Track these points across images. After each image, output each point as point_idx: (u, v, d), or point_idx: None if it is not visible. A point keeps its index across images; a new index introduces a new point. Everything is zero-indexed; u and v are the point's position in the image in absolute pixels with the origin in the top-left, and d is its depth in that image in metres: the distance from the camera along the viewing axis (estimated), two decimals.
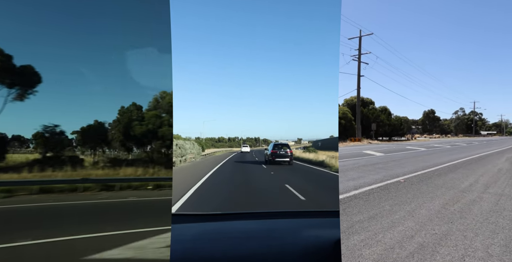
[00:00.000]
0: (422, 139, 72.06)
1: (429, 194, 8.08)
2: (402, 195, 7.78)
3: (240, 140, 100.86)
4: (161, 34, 24.80)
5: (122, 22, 29.28)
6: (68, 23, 25.66)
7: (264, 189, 12.24)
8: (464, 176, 11.61)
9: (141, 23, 23.43)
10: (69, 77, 26.46)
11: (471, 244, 4.65)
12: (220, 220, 2.50)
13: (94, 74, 28.01)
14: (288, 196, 10.34)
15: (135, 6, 23.82)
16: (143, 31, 24.21)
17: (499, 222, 5.85)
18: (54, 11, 26.91)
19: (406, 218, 5.83)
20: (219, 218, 2.55)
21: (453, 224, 5.62)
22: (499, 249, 4.50)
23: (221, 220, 2.49)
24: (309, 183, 14.32)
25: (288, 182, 13.24)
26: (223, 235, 2.11)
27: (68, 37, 25.70)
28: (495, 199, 7.80)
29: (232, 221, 2.50)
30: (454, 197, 7.82)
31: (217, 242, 1.94)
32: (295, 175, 17.40)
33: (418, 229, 5.22)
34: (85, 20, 25.36)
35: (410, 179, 10.23)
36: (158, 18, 23.05)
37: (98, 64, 27.22)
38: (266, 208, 8.62)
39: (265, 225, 2.40)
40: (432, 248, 4.40)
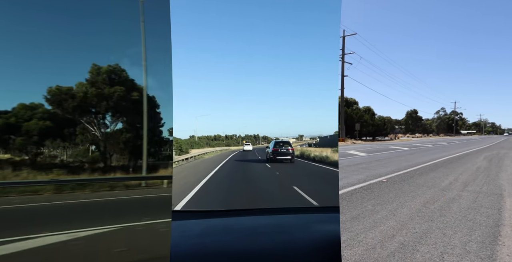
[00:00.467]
0: (405, 138, 73.35)
1: (411, 193, 8.25)
2: (385, 194, 7.91)
3: (238, 137, 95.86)
4: (160, 30, 24.66)
5: (121, 20, 29.09)
6: (65, 23, 25.39)
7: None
8: (444, 174, 11.89)
9: (140, 19, 23.41)
10: (69, 78, 26.10)
11: (450, 241, 4.77)
12: (223, 216, 2.51)
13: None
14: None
15: (133, 2, 23.73)
16: (142, 28, 24.05)
17: (477, 219, 6.01)
18: (52, 12, 26.84)
19: (388, 217, 5.93)
20: (222, 214, 2.57)
21: (433, 222, 5.75)
22: (476, 245, 4.63)
23: (225, 216, 2.50)
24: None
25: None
26: (227, 231, 2.11)
27: (65, 37, 25.50)
28: (473, 197, 8.02)
29: (237, 217, 2.52)
30: (435, 196, 8.00)
31: (222, 238, 1.95)
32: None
33: (399, 228, 5.32)
34: (82, 20, 25.10)
35: (393, 179, 10.41)
36: (157, 13, 22.88)
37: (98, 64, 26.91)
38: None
39: (269, 220, 2.42)
40: (413, 246, 4.49)
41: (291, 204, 8.34)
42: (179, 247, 1.72)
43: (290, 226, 2.26)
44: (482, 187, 9.56)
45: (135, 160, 21.92)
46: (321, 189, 11.10)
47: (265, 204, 8.49)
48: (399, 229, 5.27)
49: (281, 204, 8.42)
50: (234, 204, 8.39)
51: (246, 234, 2.04)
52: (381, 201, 7.21)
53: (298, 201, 8.68)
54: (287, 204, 8.32)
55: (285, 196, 9.83)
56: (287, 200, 9.02)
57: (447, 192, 8.59)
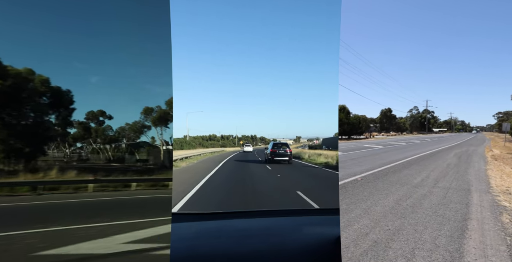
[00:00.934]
0: (380, 137, 75.01)
1: (384, 190, 8.45)
2: (359, 193, 8.07)
3: (235, 138, 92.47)
4: (161, 31, 24.42)
5: (123, 21, 28.74)
6: (68, 25, 24.85)
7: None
8: (417, 171, 12.24)
9: (141, 20, 23.10)
10: (70, 78, 25.46)
11: (421, 237, 4.92)
12: (220, 218, 2.48)
13: (93, 72, 27.37)
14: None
15: (134, 3, 23.42)
16: (143, 28, 23.71)
17: (446, 214, 6.23)
18: (54, 14, 26.34)
19: (361, 216, 6.05)
20: (219, 216, 2.54)
21: (405, 219, 5.92)
22: (445, 239, 4.80)
23: (221, 219, 2.48)
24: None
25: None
26: (223, 233, 2.10)
27: (68, 38, 25.03)
28: (444, 193, 8.30)
29: (232, 219, 2.49)
30: (407, 193, 8.23)
31: (218, 240, 1.93)
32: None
33: (372, 226, 5.44)
34: (84, 22, 24.59)
35: (367, 177, 10.64)
36: (158, 14, 22.64)
37: (100, 64, 26.49)
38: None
39: (266, 223, 2.41)
40: (385, 244, 4.61)
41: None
42: (176, 249, 1.71)
43: (286, 229, 2.26)
44: (452, 183, 9.91)
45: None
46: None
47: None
48: (373, 227, 5.39)
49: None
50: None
51: (243, 236, 2.02)
52: (355, 199, 7.35)
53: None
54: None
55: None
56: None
57: (419, 188, 8.85)
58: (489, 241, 4.79)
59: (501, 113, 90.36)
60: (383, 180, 10.11)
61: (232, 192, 10.72)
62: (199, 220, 2.42)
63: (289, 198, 9.39)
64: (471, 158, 18.41)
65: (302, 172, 17.89)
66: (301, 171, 18.34)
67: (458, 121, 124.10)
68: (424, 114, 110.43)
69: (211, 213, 2.56)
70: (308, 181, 14.05)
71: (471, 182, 10.09)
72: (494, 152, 23.66)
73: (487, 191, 8.76)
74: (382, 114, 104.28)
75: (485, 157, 19.71)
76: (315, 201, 8.80)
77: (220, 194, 10.21)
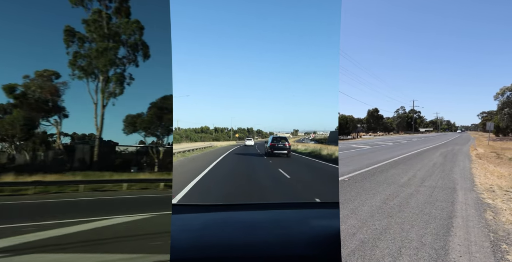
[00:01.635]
0: (367, 137, 75.72)
1: (372, 190, 8.53)
2: (346, 193, 8.13)
3: (230, 130, 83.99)
4: (161, 24, 24.22)
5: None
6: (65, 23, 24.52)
7: None
8: (403, 171, 12.40)
9: (141, 15, 22.79)
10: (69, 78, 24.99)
11: (407, 235, 4.98)
12: (223, 210, 2.50)
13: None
14: None
15: (134, 6, 23.17)
16: (144, 24, 23.36)
17: (432, 213, 6.32)
18: (53, 13, 26.04)
19: (349, 216, 6.09)
20: (222, 208, 2.55)
21: (392, 218, 5.98)
22: (431, 237, 4.86)
23: (224, 211, 2.49)
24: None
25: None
26: (226, 224, 2.11)
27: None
28: (430, 191, 8.42)
29: (237, 211, 2.51)
30: (394, 192, 8.32)
31: (221, 231, 1.95)
32: None
33: (360, 226, 5.48)
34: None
35: (354, 177, 10.72)
36: (159, 7, 22.42)
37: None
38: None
39: (270, 215, 2.43)
40: (372, 243, 4.64)
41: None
42: (178, 240, 1.72)
43: (289, 221, 2.29)
44: (438, 181, 10.06)
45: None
46: None
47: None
48: (360, 227, 5.43)
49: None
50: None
51: (245, 228, 2.05)
52: (342, 199, 7.40)
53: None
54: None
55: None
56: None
57: (406, 188, 8.96)
58: (474, 238, 4.88)
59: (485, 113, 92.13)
60: (370, 180, 10.20)
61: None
62: (201, 212, 2.43)
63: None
64: (456, 157, 18.73)
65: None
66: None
67: (444, 121, 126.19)
68: (411, 114, 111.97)
69: (214, 205, 2.57)
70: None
71: (456, 181, 10.26)
72: (479, 151, 24.13)
73: (472, 189, 8.92)
74: (369, 114, 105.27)
75: (469, 155, 20.08)
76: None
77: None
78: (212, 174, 13.11)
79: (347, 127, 66.24)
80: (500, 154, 20.93)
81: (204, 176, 12.36)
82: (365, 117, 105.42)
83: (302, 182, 12.10)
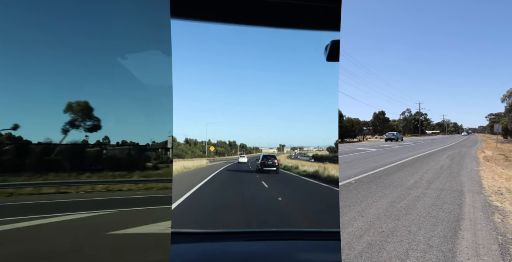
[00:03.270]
0: (373, 139, 75.40)
1: (378, 193, 8.50)
2: (353, 196, 8.12)
3: (207, 144, 78.05)
4: (160, 35, 24.36)
5: (122, 24, 28.73)
6: (67, 26, 24.76)
7: None
8: (410, 174, 12.34)
9: (141, 24, 22.91)
10: (69, 80, 25.18)
11: (415, 238, 4.97)
12: (220, 239, 2.47)
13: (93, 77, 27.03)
14: None
15: (134, 7, 23.31)
16: (143, 32, 23.54)
17: (439, 215, 6.29)
18: (53, 15, 26.29)
19: (356, 218, 6.09)
20: (219, 237, 2.52)
21: (399, 220, 5.96)
22: (438, 240, 4.85)
23: (221, 240, 2.47)
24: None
25: None
26: (225, 256, 2.10)
27: (67, 40, 24.96)
28: (437, 194, 8.38)
29: (233, 241, 2.48)
30: (401, 195, 8.29)
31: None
32: None
33: (367, 228, 5.48)
34: (83, 23, 24.50)
35: (361, 180, 10.69)
36: (158, 18, 22.61)
37: (99, 68, 26.21)
38: None
39: (267, 247, 2.40)
40: (379, 245, 4.64)
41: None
42: None
43: (290, 255, 2.24)
44: (445, 184, 10.00)
45: None
46: None
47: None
48: (367, 229, 5.42)
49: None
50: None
51: (245, 260, 2.03)
52: (349, 202, 7.39)
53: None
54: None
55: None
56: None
57: (413, 190, 8.92)
58: (481, 241, 4.85)
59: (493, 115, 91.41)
60: (376, 183, 10.17)
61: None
62: (198, 240, 2.41)
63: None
64: (463, 160, 18.59)
65: None
66: None
67: (450, 123, 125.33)
68: (417, 117, 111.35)
69: (210, 233, 2.56)
70: None
71: (463, 183, 10.19)
72: (486, 153, 23.92)
73: (480, 191, 8.86)
74: (375, 117, 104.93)
75: (477, 158, 19.92)
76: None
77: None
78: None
79: (353, 130, 66.00)
80: (508, 156, 20.73)
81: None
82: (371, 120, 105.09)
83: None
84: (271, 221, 7.47)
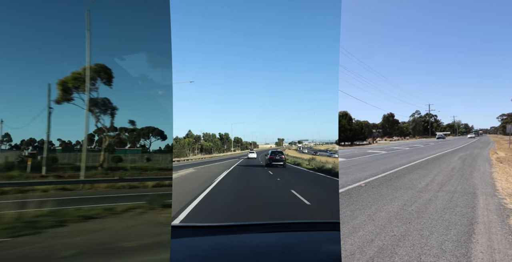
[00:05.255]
0: (383, 142, 74.78)
1: (389, 196, 8.38)
2: (363, 199, 8.01)
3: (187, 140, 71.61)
4: (161, 35, 24.55)
5: (123, 25, 29.00)
6: (66, 27, 25.11)
7: None
8: (421, 176, 12.16)
9: (142, 25, 23.06)
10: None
11: (427, 242, 4.86)
12: (228, 233, 2.47)
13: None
14: None
15: (135, 8, 23.55)
16: (144, 33, 23.79)
17: (452, 219, 6.16)
18: (53, 17, 26.72)
19: (366, 222, 6.00)
20: (227, 230, 2.52)
21: (410, 224, 5.86)
22: (451, 244, 4.74)
23: (230, 233, 2.46)
24: None
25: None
26: (234, 249, 2.09)
27: (66, 41, 25.25)
28: (449, 197, 8.23)
29: (241, 234, 2.48)
30: (412, 198, 8.16)
31: (229, 258, 1.93)
32: None
33: (378, 232, 5.39)
34: (82, 24, 24.78)
35: (371, 183, 10.56)
36: (158, 18, 22.71)
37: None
38: None
39: (272, 238, 2.41)
40: (391, 250, 4.55)
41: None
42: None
43: (297, 245, 2.27)
44: (457, 186, 9.82)
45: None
46: None
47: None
48: (378, 233, 5.33)
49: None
50: None
51: (254, 254, 2.03)
52: (359, 206, 7.29)
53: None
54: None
55: None
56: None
57: (424, 193, 8.78)
58: (497, 245, 4.73)
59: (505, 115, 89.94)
60: (387, 186, 10.04)
61: None
62: (206, 234, 2.39)
63: None
64: (475, 161, 18.27)
65: None
66: None
67: (461, 124, 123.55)
68: (427, 118, 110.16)
69: (218, 226, 2.52)
70: None
71: (476, 185, 10.00)
72: (499, 154, 23.49)
73: (493, 194, 8.68)
74: (384, 119, 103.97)
75: (489, 159, 19.57)
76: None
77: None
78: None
79: (362, 133, 65.52)
80: None
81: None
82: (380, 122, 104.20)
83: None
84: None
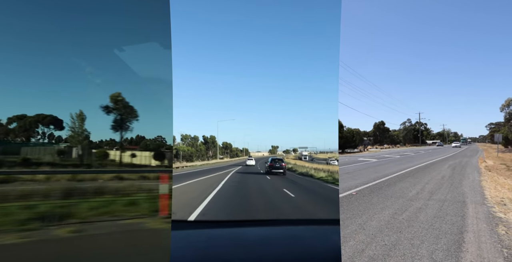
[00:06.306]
0: (374, 150, 75.19)
1: (379, 204, 8.39)
2: (354, 207, 8.00)
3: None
4: (160, 33, 24.43)
5: (122, 19, 28.84)
6: (68, 20, 24.89)
7: None
8: (411, 184, 12.22)
9: (141, 19, 22.99)
10: (69, 74, 25.17)
11: (418, 251, 4.86)
12: (227, 227, 2.48)
13: (95, 71, 27.07)
14: None
15: (134, 2, 23.48)
16: (143, 28, 23.68)
17: (442, 227, 6.18)
18: (55, 9, 26.51)
19: (357, 231, 5.98)
20: (225, 225, 2.53)
21: (401, 233, 5.85)
22: (442, 253, 4.74)
23: (229, 227, 2.48)
24: None
25: None
26: (233, 241, 2.09)
27: (68, 34, 25.04)
28: (439, 205, 8.27)
29: (240, 227, 2.49)
30: (403, 206, 8.18)
31: (228, 249, 1.93)
32: None
33: (368, 241, 5.37)
34: (84, 17, 24.58)
35: (362, 191, 10.58)
36: (158, 15, 22.64)
37: (99, 61, 26.23)
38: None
39: (271, 231, 2.43)
40: (382, 260, 4.53)
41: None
42: (180, 258, 1.67)
43: (299, 237, 2.29)
44: (447, 195, 9.89)
45: None
46: None
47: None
48: (369, 242, 5.31)
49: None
50: None
51: (253, 245, 2.04)
52: (350, 214, 7.28)
53: None
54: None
55: None
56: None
57: (415, 201, 8.81)
58: (486, 254, 4.74)
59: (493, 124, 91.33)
60: (378, 194, 10.06)
61: None
62: (206, 228, 2.40)
63: None
64: (465, 170, 18.46)
65: None
66: None
67: (451, 132, 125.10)
68: (417, 127, 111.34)
69: (218, 221, 2.54)
70: None
71: (466, 194, 10.07)
72: (488, 163, 23.79)
73: (482, 202, 8.75)
74: (375, 127, 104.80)
75: (478, 168, 19.79)
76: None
77: None
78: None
79: (353, 141, 65.86)
80: (510, 166, 20.61)
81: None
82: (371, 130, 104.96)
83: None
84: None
